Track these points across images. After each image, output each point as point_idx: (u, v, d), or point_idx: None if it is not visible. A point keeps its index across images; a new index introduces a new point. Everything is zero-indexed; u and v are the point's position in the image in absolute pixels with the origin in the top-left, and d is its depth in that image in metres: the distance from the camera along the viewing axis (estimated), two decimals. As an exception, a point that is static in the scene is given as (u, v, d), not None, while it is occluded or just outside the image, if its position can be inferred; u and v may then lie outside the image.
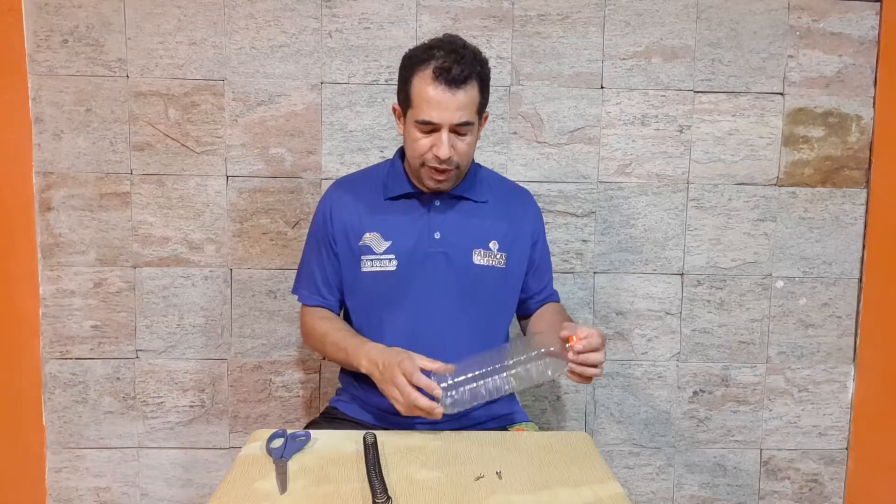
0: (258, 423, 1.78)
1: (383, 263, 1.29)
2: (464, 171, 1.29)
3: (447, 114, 1.18)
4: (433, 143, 1.21)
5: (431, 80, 1.18)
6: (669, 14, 1.73)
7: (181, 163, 1.71)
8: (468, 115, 1.20)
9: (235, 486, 0.97)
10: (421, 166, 1.24)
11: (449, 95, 1.18)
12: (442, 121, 1.19)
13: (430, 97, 1.18)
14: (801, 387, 1.84)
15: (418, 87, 1.20)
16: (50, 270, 1.71)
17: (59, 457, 1.76)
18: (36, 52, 1.66)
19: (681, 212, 1.78)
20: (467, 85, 1.19)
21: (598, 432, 1.83)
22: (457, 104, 1.18)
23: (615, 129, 1.75)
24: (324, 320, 1.33)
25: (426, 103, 1.19)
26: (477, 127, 1.26)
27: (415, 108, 1.21)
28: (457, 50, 1.19)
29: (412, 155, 1.25)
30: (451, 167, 1.23)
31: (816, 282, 1.82)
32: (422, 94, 1.19)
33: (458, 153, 1.22)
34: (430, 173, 1.24)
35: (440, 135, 1.20)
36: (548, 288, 1.45)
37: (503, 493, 0.96)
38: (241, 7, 1.67)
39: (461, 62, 1.18)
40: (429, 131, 1.21)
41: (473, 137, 1.25)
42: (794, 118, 1.77)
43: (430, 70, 1.18)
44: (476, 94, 1.22)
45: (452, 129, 1.20)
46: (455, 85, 1.17)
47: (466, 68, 1.18)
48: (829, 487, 1.88)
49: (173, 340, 1.75)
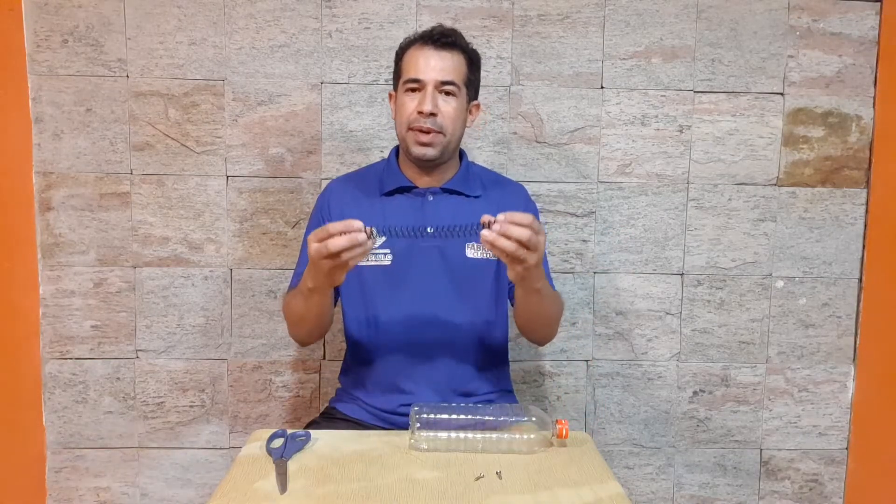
0: (258, 423, 1.78)
1: (379, 258, 1.30)
2: (450, 139, 1.29)
3: (432, 72, 1.25)
4: (419, 101, 1.26)
5: (419, 44, 1.27)
6: (669, 14, 1.73)
7: (181, 163, 1.71)
8: (453, 76, 1.26)
9: (235, 486, 0.97)
10: (407, 131, 1.28)
11: (433, 52, 1.25)
12: (427, 78, 1.25)
13: (416, 57, 1.26)
14: (801, 387, 1.84)
15: (408, 55, 1.28)
16: (50, 270, 1.71)
17: (59, 457, 1.76)
18: (36, 52, 1.66)
19: (681, 212, 1.78)
20: (454, 50, 1.27)
21: (598, 432, 1.83)
22: (441, 64, 1.25)
23: (615, 129, 1.75)
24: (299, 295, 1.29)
25: (413, 64, 1.27)
26: (465, 99, 1.30)
27: (404, 74, 1.28)
28: (447, 29, 1.29)
29: (400, 122, 1.30)
30: (435, 128, 1.25)
31: (816, 282, 1.82)
32: (410, 58, 1.28)
33: (443, 115, 1.26)
34: (415, 136, 1.27)
35: (425, 92, 1.25)
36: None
37: (503, 493, 0.96)
38: (241, 7, 1.67)
39: (449, 32, 1.28)
40: (415, 90, 1.27)
41: (460, 106, 1.29)
42: (794, 118, 1.77)
43: (420, 39, 1.28)
44: (462, 64, 1.28)
45: (438, 87, 1.25)
46: (440, 46, 1.26)
47: (453, 37, 1.28)
48: (829, 487, 1.88)
49: (173, 340, 1.75)
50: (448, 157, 1.32)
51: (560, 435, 1.09)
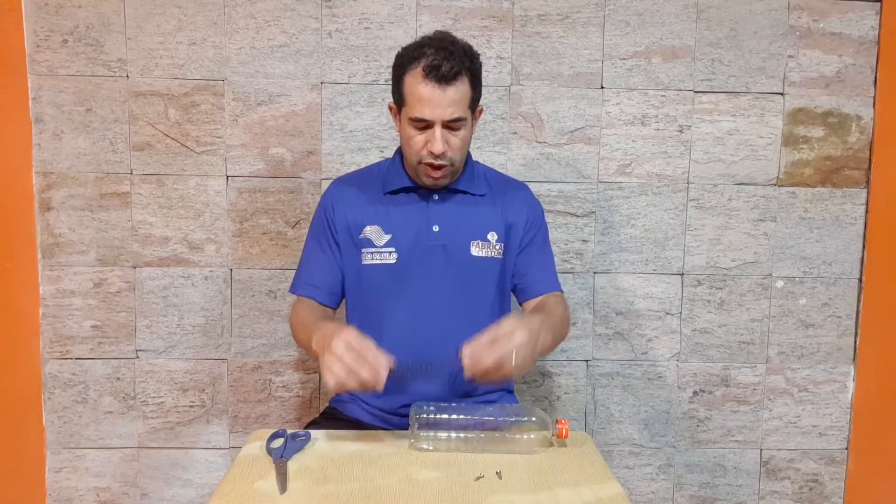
0: (258, 423, 1.78)
1: (383, 256, 1.30)
2: (459, 166, 1.29)
3: (439, 110, 1.20)
4: (427, 139, 1.23)
5: (422, 77, 1.19)
6: (669, 14, 1.73)
7: (181, 163, 1.71)
8: (460, 111, 1.21)
9: (235, 486, 0.97)
10: (418, 164, 1.26)
11: (440, 92, 1.19)
12: (434, 117, 1.20)
13: (421, 95, 1.20)
14: (801, 387, 1.84)
15: (410, 86, 1.21)
16: (50, 270, 1.71)
17: (59, 457, 1.76)
18: (36, 52, 1.66)
19: (681, 212, 1.78)
20: (457, 81, 1.20)
21: (598, 432, 1.83)
22: (448, 101, 1.20)
23: (615, 129, 1.75)
24: (306, 308, 1.32)
25: (418, 101, 1.20)
26: (471, 122, 1.27)
27: (408, 107, 1.23)
28: (446, 47, 1.20)
29: (409, 153, 1.27)
30: (446, 163, 1.24)
31: (816, 282, 1.82)
32: (413, 92, 1.21)
33: (453, 148, 1.24)
34: (426, 170, 1.26)
35: (433, 131, 1.22)
36: (543, 280, 1.38)
37: (503, 493, 0.96)
38: (241, 7, 1.67)
39: (451, 59, 1.19)
40: (423, 128, 1.23)
41: (467, 132, 1.26)
42: (794, 118, 1.77)
43: (421, 68, 1.19)
44: (467, 89, 1.22)
45: (445, 125, 1.22)
46: (445, 81, 1.19)
47: (456, 64, 1.19)
48: (829, 487, 1.87)
49: (173, 340, 1.75)
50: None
51: (560, 435, 1.09)
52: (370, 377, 1.01)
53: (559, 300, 1.35)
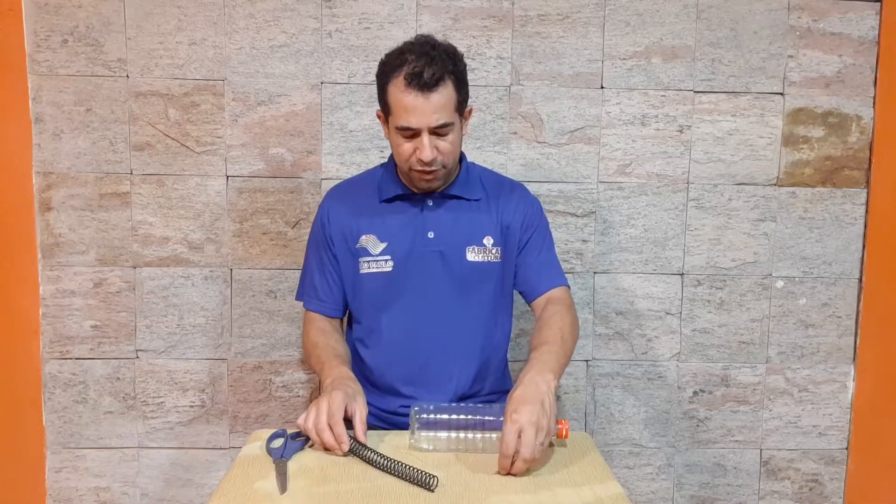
0: (258, 423, 1.78)
1: (380, 265, 1.31)
2: (451, 169, 1.29)
3: (424, 118, 1.18)
4: (416, 146, 1.22)
5: (404, 86, 1.18)
6: (669, 14, 1.73)
7: (181, 163, 1.71)
8: (446, 117, 1.20)
9: (235, 486, 0.97)
10: (409, 170, 1.26)
11: (423, 100, 1.17)
12: (420, 125, 1.19)
13: (405, 104, 1.18)
14: (801, 387, 1.84)
15: (394, 95, 1.20)
16: (50, 270, 1.71)
17: (59, 457, 1.76)
18: (36, 52, 1.66)
19: (681, 212, 1.78)
20: (441, 86, 1.18)
21: (598, 432, 1.83)
22: (432, 107, 1.18)
23: (615, 129, 1.75)
24: (320, 332, 1.33)
25: (403, 110, 1.19)
26: (459, 125, 1.26)
27: (394, 115, 1.22)
28: (427, 52, 1.18)
29: (399, 160, 1.27)
30: (436, 167, 1.24)
31: (816, 282, 1.82)
32: (398, 101, 1.19)
33: (442, 153, 1.23)
34: (418, 176, 1.26)
35: (421, 138, 1.20)
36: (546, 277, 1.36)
37: (503, 493, 0.96)
38: (241, 7, 1.67)
39: (432, 64, 1.17)
40: (410, 136, 1.22)
41: (456, 135, 1.25)
42: (794, 118, 1.77)
43: (403, 76, 1.18)
44: (451, 93, 1.20)
45: (432, 131, 1.20)
46: (428, 88, 1.17)
47: (438, 70, 1.17)
48: (829, 487, 1.88)
49: (173, 340, 1.75)
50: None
51: (560, 435, 1.09)
52: (331, 444, 1.07)
53: (562, 300, 1.31)
